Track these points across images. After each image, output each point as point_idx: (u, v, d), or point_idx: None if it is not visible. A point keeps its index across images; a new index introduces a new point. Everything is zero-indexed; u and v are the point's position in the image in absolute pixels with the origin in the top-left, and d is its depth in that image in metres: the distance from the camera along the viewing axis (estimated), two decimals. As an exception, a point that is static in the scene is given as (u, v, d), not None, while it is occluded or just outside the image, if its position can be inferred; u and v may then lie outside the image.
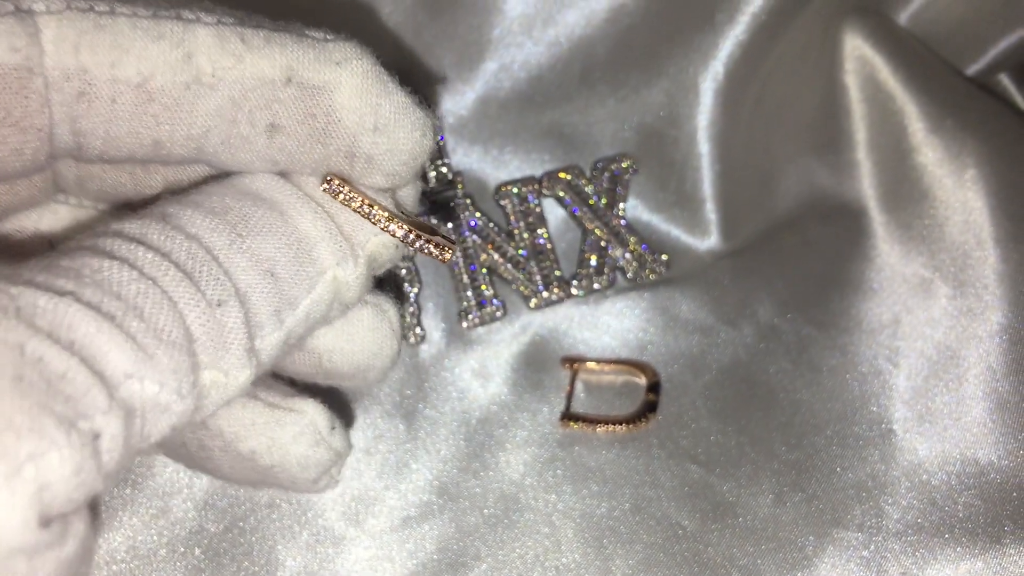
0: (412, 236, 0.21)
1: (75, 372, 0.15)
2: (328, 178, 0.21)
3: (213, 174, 0.22)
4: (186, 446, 0.23)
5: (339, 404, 0.32)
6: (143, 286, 0.17)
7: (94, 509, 0.21)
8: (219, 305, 0.18)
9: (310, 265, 0.20)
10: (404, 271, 0.35)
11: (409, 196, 0.23)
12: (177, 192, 0.21)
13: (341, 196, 0.21)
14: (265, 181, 0.21)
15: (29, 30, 0.17)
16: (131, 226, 0.18)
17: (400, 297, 0.35)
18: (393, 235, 0.21)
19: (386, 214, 0.21)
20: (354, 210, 0.21)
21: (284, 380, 0.25)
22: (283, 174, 0.21)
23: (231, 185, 0.21)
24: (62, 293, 0.16)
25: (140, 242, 0.18)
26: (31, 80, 0.18)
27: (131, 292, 0.17)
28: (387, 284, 0.26)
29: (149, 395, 0.17)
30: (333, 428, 0.24)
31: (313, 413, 0.24)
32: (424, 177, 0.32)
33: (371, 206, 0.21)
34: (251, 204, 0.20)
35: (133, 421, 0.16)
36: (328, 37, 0.20)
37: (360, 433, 0.34)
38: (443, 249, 0.22)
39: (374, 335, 0.24)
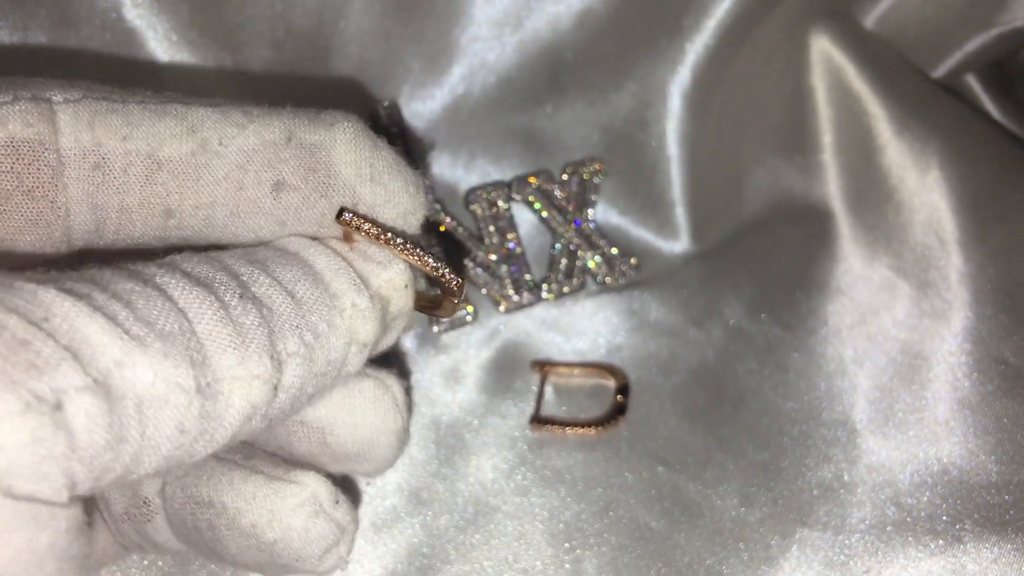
0: (430, 261, 0.23)
1: (41, 343, 0.16)
2: (343, 211, 0.22)
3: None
4: (198, 529, 0.23)
5: (348, 485, 0.33)
6: (138, 285, 0.18)
7: (90, 513, 0.21)
8: (240, 298, 0.19)
9: (328, 296, 0.21)
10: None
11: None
12: None
13: (356, 225, 0.22)
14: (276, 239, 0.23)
15: (44, 112, 0.20)
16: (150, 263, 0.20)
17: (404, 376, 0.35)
18: (411, 260, 0.23)
19: (403, 241, 0.23)
20: (369, 237, 0.22)
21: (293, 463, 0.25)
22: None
23: (244, 246, 0.23)
24: (48, 283, 0.17)
25: (157, 264, 0.19)
26: (43, 153, 0.20)
27: (125, 289, 0.18)
28: (393, 363, 0.27)
29: (143, 383, 0.17)
30: (337, 502, 0.24)
31: (315, 485, 0.23)
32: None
33: (387, 232, 0.22)
34: (265, 248, 0.22)
35: (123, 407, 0.16)
36: (318, 110, 0.23)
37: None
38: (454, 282, 0.23)
39: (376, 407, 0.25)
